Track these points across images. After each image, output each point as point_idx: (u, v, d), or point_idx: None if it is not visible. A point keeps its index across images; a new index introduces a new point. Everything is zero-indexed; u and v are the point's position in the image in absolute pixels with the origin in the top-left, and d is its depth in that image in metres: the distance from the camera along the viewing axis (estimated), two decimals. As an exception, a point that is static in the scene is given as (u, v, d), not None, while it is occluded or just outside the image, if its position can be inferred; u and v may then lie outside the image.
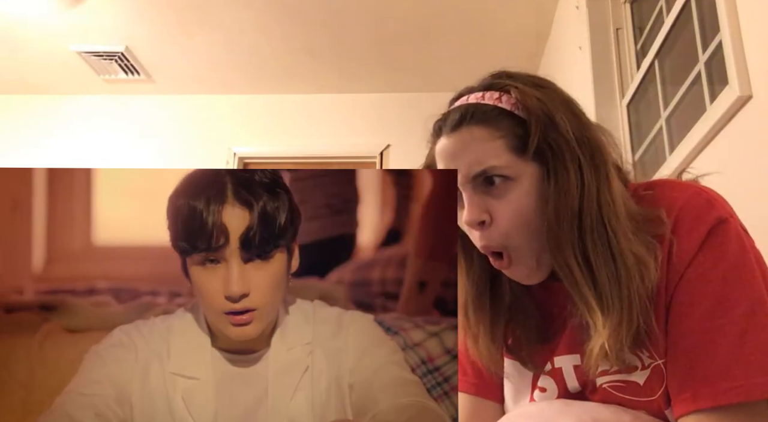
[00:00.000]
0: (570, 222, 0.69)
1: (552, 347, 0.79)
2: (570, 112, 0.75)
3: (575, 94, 0.80)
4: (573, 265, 0.69)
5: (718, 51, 1.47)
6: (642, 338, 0.68)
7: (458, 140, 0.74)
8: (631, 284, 0.67)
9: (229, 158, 3.91)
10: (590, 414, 0.68)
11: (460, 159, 0.73)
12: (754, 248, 0.70)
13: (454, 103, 0.79)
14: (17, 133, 4.01)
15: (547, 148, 0.71)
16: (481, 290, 0.81)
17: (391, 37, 3.42)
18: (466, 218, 0.73)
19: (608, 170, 0.72)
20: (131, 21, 3.29)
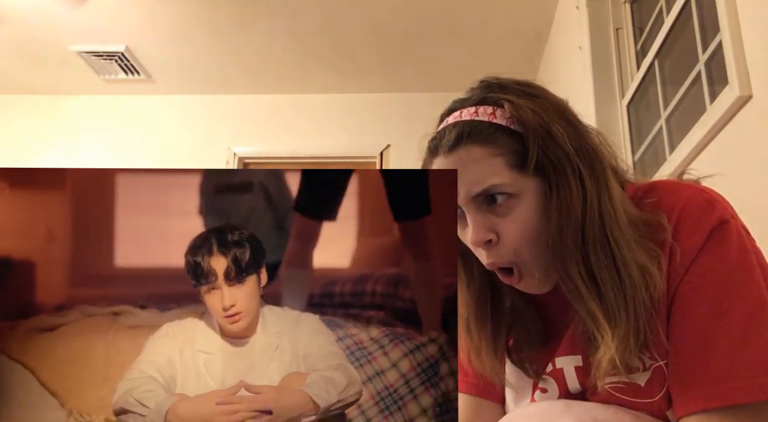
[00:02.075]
0: (574, 237, 0.69)
1: (553, 348, 0.79)
2: (565, 120, 0.73)
3: (575, 94, 0.80)
4: (577, 280, 0.69)
5: (718, 51, 1.47)
6: (647, 342, 0.68)
7: (456, 161, 0.73)
8: (636, 295, 0.67)
9: (229, 158, 3.91)
10: (591, 414, 0.68)
11: (460, 179, 0.72)
12: (756, 248, 0.70)
13: (446, 118, 0.78)
14: (17, 133, 4.01)
15: (547, 162, 0.70)
16: (482, 303, 0.81)
17: (391, 37, 3.42)
18: (472, 239, 0.73)
19: (607, 176, 0.72)
20: (131, 21, 3.29)
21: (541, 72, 3.50)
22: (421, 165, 0.81)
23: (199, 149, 3.92)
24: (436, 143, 0.76)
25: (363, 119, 3.96)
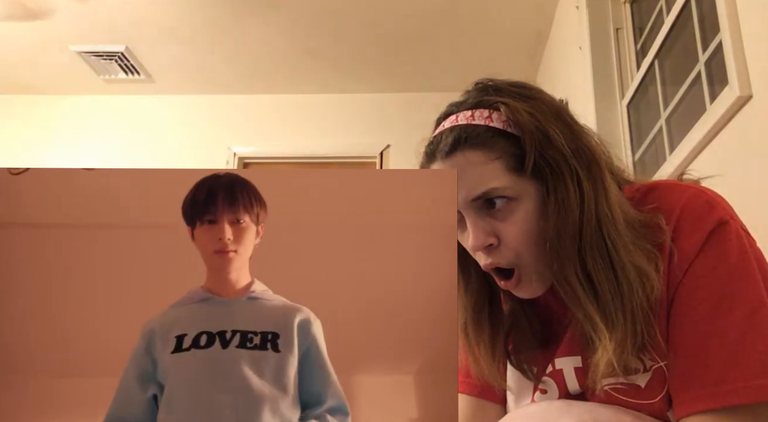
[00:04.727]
0: (571, 239, 0.69)
1: (552, 350, 0.79)
2: (561, 122, 0.73)
3: (575, 95, 0.80)
4: (575, 282, 0.68)
5: (718, 51, 1.47)
6: (645, 344, 0.68)
7: (454, 166, 0.72)
8: (633, 297, 0.66)
9: (229, 158, 3.91)
10: (591, 414, 0.68)
11: (458, 184, 0.72)
12: (756, 248, 0.70)
13: (442, 122, 0.77)
14: (17, 133, 4.01)
15: (544, 164, 0.70)
16: (480, 307, 0.81)
17: (391, 37, 3.42)
18: (473, 243, 0.72)
19: (604, 178, 0.72)
20: (131, 21, 3.29)
21: (541, 72, 3.50)
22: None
23: (199, 149, 3.92)
24: (433, 147, 0.76)
25: (363, 119, 3.96)
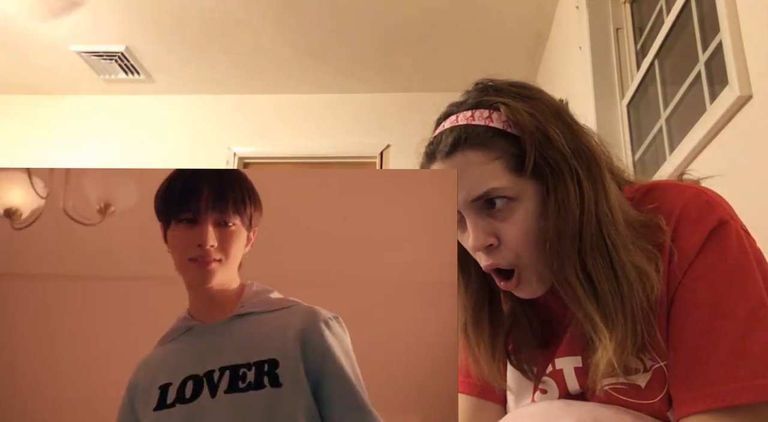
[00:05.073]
0: (571, 240, 0.69)
1: (553, 350, 0.79)
2: (561, 122, 0.73)
3: (575, 94, 0.80)
4: (575, 283, 0.68)
5: (718, 51, 1.47)
6: (645, 343, 0.68)
7: (454, 166, 0.72)
8: (633, 297, 0.66)
9: (229, 158, 3.91)
10: (591, 414, 0.68)
11: (459, 184, 0.72)
12: (756, 248, 0.70)
13: (442, 122, 0.77)
14: (17, 133, 4.01)
15: (544, 164, 0.70)
16: (480, 307, 0.81)
17: (391, 37, 3.42)
18: (473, 244, 0.72)
19: (604, 178, 0.72)
20: (131, 21, 3.29)
21: (541, 72, 3.50)
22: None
23: (199, 149, 3.92)
24: (433, 148, 0.76)
25: (363, 119, 3.96)
